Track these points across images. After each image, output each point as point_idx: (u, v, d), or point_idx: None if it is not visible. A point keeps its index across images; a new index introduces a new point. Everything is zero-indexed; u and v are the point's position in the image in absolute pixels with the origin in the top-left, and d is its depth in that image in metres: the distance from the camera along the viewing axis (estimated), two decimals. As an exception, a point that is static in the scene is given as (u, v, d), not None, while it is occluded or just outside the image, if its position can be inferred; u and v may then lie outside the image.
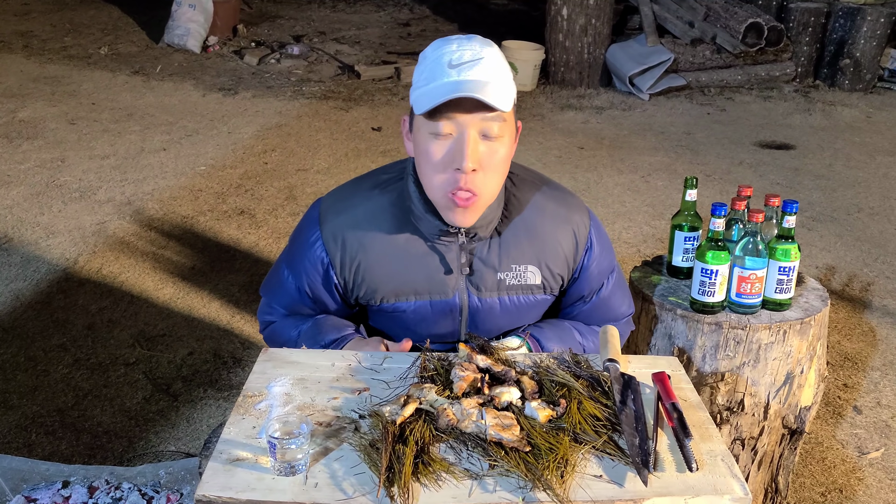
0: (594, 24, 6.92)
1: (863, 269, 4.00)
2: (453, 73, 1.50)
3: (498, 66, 1.53)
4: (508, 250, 1.68)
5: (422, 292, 1.68)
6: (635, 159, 5.42)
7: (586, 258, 1.73)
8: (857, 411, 2.91)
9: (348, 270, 1.68)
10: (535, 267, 1.70)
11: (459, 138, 1.51)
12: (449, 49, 1.53)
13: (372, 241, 1.66)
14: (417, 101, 1.53)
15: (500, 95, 1.50)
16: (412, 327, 1.74)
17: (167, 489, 2.25)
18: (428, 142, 1.54)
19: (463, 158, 1.50)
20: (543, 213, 1.70)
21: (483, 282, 1.68)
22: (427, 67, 1.54)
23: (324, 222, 1.68)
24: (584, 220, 1.73)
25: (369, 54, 7.92)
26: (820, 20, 7.14)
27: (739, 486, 1.27)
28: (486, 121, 1.51)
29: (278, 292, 1.80)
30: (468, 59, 1.51)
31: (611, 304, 1.83)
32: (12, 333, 3.23)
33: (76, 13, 9.08)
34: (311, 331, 1.75)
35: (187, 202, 4.51)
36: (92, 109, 6.10)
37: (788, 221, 1.98)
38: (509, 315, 1.73)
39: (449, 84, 1.49)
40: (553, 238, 1.70)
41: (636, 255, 4.01)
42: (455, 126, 1.51)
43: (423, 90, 1.52)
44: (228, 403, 2.84)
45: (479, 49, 1.53)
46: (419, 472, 1.25)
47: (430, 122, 1.52)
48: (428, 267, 1.67)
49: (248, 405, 1.44)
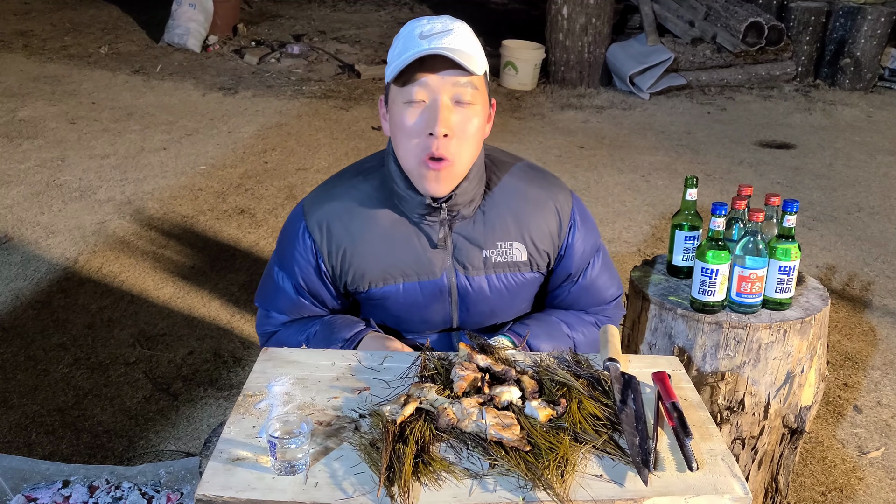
0: (594, 24, 6.92)
1: (863, 268, 4.00)
2: (424, 43, 1.53)
3: (468, 38, 1.58)
4: (493, 228, 1.69)
5: (409, 274, 1.69)
6: (635, 159, 5.42)
7: (570, 235, 1.75)
8: (857, 411, 2.91)
9: (335, 257, 1.69)
10: (521, 244, 1.71)
11: (432, 105, 1.55)
12: (420, 24, 1.58)
13: (357, 226, 1.68)
14: (389, 72, 1.57)
15: (470, 59, 1.54)
16: (404, 315, 1.75)
17: (167, 489, 2.25)
18: (402, 111, 1.57)
19: (435, 122, 1.53)
20: (526, 192, 1.72)
21: (469, 260, 1.69)
22: (399, 42, 1.58)
23: (308, 213, 1.70)
24: (566, 198, 1.75)
25: (369, 53, 7.91)
26: (820, 19, 7.14)
27: (740, 485, 1.27)
28: (457, 86, 1.54)
29: (275, 297, 1.79)
30: (439, 31, 1.55)
31: (599, 286, 1.83)
32: (12, 333, 3.23)
33: (76, 12, 9.08)
34: (323, 332, 1.75)
35: (187, 201, 4.51)
36: (92, 109, 6.10)
37: (789, 221, 1.98)
38: (500, 296, 1.74)
39: (419, 51, 1.52)
40: (537, 215, 1.71)
41: (636, 254, 4.01)
42: (427, 92, 1.54)
43: (395, 63, 1.55)
44: (229, 403, 2.84)
45: (448, 22, 1.58)
46: (419, 472, 1.25)
47: (403, 90, 1.56)
48: (414, 248, 1.68)
49: (248, 404, 1.44)
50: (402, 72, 1.54)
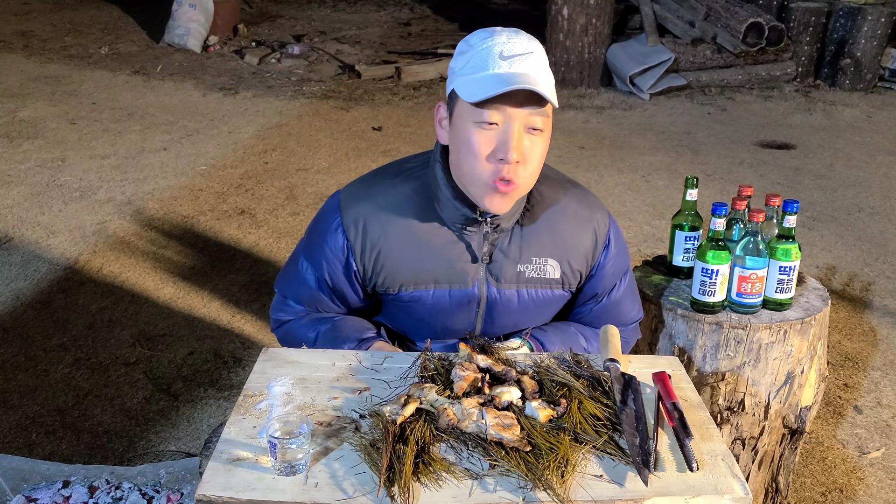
0: (595, 24, 6.92)
1: (863, 268, 4.00)
2: (504, 65, 1.50)
3: (546, 62, 1.55)
4: (530, 243, 1.68)
5: (441, 281, 1.67)
6: (636, 159, 5.42)
7: (603, 256, 1.74)
8: (857, 411, 2.91)
9: (368, 257, 1.66)
10: (556, 261, 1.70)
11: (505, 129, 1.51)
12: (499, 40, 1.53)
13: (393, 227, 1.65)
14: (465, 88, 1.52)
15: (551, 91, 1.52)
16: (428, 319, 1.73)
17: (168, 489, 2.25)
18: (471, 130, 1.53)
19: (508, 150, 1.50)
20: (566, 211, 1.70)
21: (503, 272, 1.68)
22: (475, 56, 1.53)
23: (345, 209, 1.67)
24: (604, 219, 1.74)
25: (370, 54, 7.92)
26: (821, 20, 7.14)
27: (740, 485, 1.27)
28: (532, 115, 1.52)
29: (295, 286, 1.77)
30: (519, 52, 1.51)
31: (621, 308, 1.83)
32: (13, 333, 3.23)
33: (76, 13, 9.08)
34: (331, 333, 1.73)
35: (188, 202, 4.51)
36: (92, 109, 6.10)
37: (789, 221, 1.98)
38: (526, 310, 1.73)
39: (502, 75, 1.49)
40: (574, 236, 1.70)
41: (637, 254, 4.01)
42: (502, 116, 1.51)
43: (472, 78, 1.51)
44: (229, 403, 2.84)
45: (528, 43, 1.53)
46: (419, 472, 1.25)
47: (476, 111, 1.51)
48: (449, 255, 1.66)
49: (248, 405, 1.44)
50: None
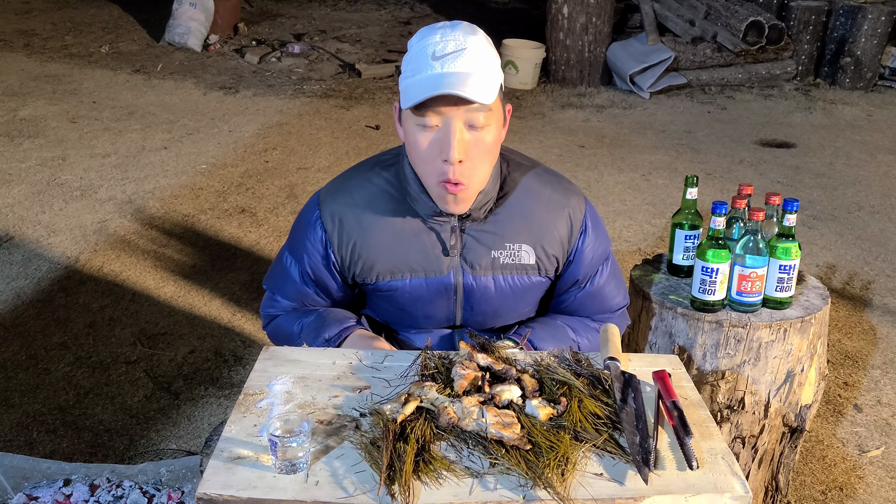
0: (595, 23, 6.91)
1: (863, 267, 4.00)
2: (437, 66, 1.51)
3: (482, 56, 1.53)
4: (503, 229, 1.70)
5: (417, 269, 1.70)
6: (636, 158, 5.42)
7: (581, 241, 1.74)
8: (857, 409, 2.92)
9: (345, 248, 1.71)
10: (530, 246, 1.71)
11: (445, 129, 1.53)
12: (433, 39, 1.54)
13: (369, 219, 1.69)
14: (403, 94, 1.55)
15: (483, 88, 1.50)
16: (408, 308, 1.76)
17: (168, 487, 2.25)
18: (415, 133, 1.56)
19: (449, 149, 1.52)
20: (540, 196, 1.71)
21: (477, 259, 1.70)
22: (412, 57, 1.56)
23: (323, 204, 1.72)
24: (579, 204, 1.74)
25: (370, 53, 7.91)
26: (821, 18, 7.14)
27: (740, 484, 1.27)
28: (470, 112, 1.52)
29: (282, 282, 1.82)
30: (451, 51, 1.52)
31: (605, 294, 1.83)
32: (13, 332, 3.24)
33: (77, 12, 9.08)
34: (314, 324, 1.77)
35: (188, 201, 4.51)
36: (93, 108, 6.10)
37: (789, 220, 1.98)
38: (504, 297, 1.74)
39: (432, 77, 1.50)
40: (548, 220, 1.71)
41: (637, 253, 4.01)
42: (440, 118, 1.53)
43: (409, 82, 1.54)
44: (229, 402, 2.84)
45: (462, 39, 1.53)
46: (420, 471, 1.26)
47: (415, 115, 1.54)
48: (423, 244, 1.69)
49: (249, 403, 1.44)
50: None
